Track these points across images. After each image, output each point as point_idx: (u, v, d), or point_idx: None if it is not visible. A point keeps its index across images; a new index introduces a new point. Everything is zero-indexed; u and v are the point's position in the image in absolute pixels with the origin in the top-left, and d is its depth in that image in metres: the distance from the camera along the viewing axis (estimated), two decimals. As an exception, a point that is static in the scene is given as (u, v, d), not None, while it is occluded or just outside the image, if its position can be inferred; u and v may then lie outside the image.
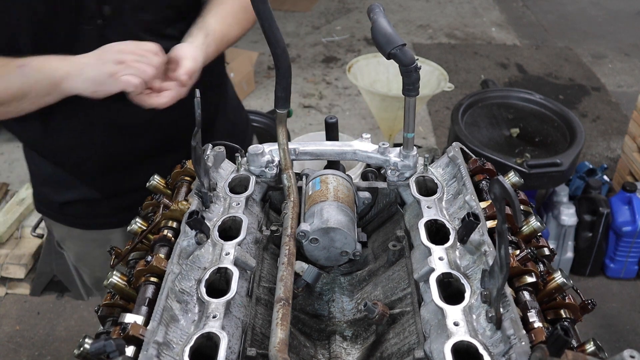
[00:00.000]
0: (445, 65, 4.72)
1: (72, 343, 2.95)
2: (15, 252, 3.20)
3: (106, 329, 0.98)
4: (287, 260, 1.06)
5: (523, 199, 1.22)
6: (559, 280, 0.99)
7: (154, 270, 1.01)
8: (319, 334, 1.16)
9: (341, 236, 1.14)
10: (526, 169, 2.93)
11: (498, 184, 0.81)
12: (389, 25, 1.16)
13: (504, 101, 3.56)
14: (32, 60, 1.33)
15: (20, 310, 3.16)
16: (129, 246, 1.15)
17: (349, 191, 1.25)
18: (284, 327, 0.92)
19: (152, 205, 1.23)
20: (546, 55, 5.94)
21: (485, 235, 1.05)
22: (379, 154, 1.29)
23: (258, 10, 1.10)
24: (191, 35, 1.50)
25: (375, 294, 1.17)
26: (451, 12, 6.87)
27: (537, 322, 0.91)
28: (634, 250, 3.29)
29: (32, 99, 1.36)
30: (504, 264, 0.85)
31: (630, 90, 5.31)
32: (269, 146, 1.31)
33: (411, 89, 1.15)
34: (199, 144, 1.09)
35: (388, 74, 3.78)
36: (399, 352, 1.02)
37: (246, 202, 1.21)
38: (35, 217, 3.27)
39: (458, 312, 0.94)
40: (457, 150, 1.29)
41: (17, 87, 1.33)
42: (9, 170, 4.22)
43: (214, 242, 1.09)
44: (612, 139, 4.64)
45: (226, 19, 1.59)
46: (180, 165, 1.29)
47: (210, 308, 0.95)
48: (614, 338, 3.06)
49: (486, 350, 0.87)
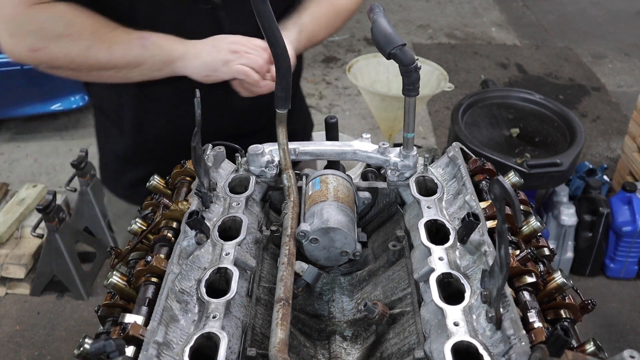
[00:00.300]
0: (445, 65, 4.72)
1: (72, 343, 2.95)
2: (15, 252, 3.20)
3: (106, 329, 0.98)
4: (287, 260, 1.06)
5: (523, 199, 1.22)
6: (559, 280, 0.99)
7: (154, 270, 1.01)
8: (319, 334, 1.16)
9: (341, 236, 1.14)
10: (526, 169, 2.93)
11: (498, 184, 0.81)
12: (389, 25, 1.17)
13: (504, 101, 3.56)
14: (152, 35, 1.40)
15: (20, 310, 3.16)
16: (129, 246, 1.15)
17: (349, 191, 1.25)
18: (284, 327, 0.92)
19: (152, 205, 1.23)
20: (546, 55, 5.94)
21: (485, 235, 1.05)
22: (379, 154, 1.29)
23: (258, 10, 1.10)
24: (286, 29, 1.54)
25: (375, 294, 1.17)
26: (451, 12, 6.87)
27: (537, 322, 0.91)
28: (634, 250, 3.29)
29: (143, 71, 1.43)
30: (504, 264, 0.85)
31: (630, 90, 5.31)
32: (269, 146, 1.31)
33: (411, 89, 1.16)
34: (199, 144, 1.09)
35: (388, 74, 3.78)
36: (399, 352, 1.02)
37: (246, 202, 1.21)
38: (35, 217, 3.26)
39: (458, 312, 0.94)
40: (457, 150, 1.29)
41: (134, 56, 1.40)
42: (9, 170, 4.22)
43: (214, 242, 1.09)
44: (612, 139, 4.64)
45: (320, 19, 1.64)
46: (180, 165, 1.29)
47: (210, 308, 0.95)
48: (614, 338, 3.06)
49: (486, 351, 0.87)
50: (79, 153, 3.29)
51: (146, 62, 1.41)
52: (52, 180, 4.12)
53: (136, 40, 1.39)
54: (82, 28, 1.37)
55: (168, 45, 1.40)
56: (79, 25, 1.37)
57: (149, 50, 1.39)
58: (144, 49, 1.39)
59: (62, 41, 1.37)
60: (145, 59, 1.40)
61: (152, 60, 1.41)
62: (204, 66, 1.41)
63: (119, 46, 1.39)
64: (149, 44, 1.39)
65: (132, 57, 1.40)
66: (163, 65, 1.42)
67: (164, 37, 1.41)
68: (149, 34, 1.40)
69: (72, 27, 1.36)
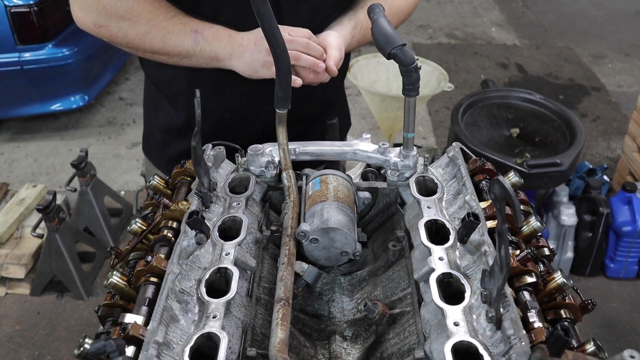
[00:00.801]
0: (445, 65, 4.72)
1: (72, 343, 2.95)
2: (15, 252, 3.20)
3: (106, 329, 0.98)
4: (287, 260, 1.06)
5: (523, 199, 1.22)
6: (559, 280, 0.99)
7: (154, 270, 1.01)
8: (319, 334, 1.16)
9: (341, 236, 1.14)
10: (526, 169, 2.93)
11: (498, 184, 0.81)
12: (389, 25, 1.17)
13: (504, 101, 3.56)
14: (205, 29, 1.44)
15: (20, 310, 3.16)
16: (129, 246, 1.15)
17: (349, 191, 1.25)
18: (284, 327, 0.92)
19: (152, 205, 1.23)
20: (546, 55, 5.94)
21: (485, 235, 1.05)
22: (379, 154, 1.29)
23: (258, 10, 1.10)
24: (341, 24, 1.57)
25: (375, 294, 1.17)
26: (451, 12, 6.88)
27: (537, 322, 0.91)
28: (634, 250, 3.29)
29: (192, 62, 1.49)
30: (504, 264, 0.85)
31: (630, 90, 5.31)
32: (269, 146, 1.31)
33: (411, 89, 1.16)
34: (199, 144, 1.09)
35: (388, 74, 3.78)
36: (399, 352, 1.02)
37: (246, 202, 1.21)
38: (35, 217, 3.26)
39: (458, 312, 0.94)
40: (457, 150, 1.29)
41: (185, 48, 1.46)
42: (9, 170, 4.22)
43: (214, 242, 1.09)
44: (612, 139, 4.64)
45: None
46: (180, 165, 1.29)
47: (210, 308, 0.95)
48: (614, 338, 3.06)
49: (486, 351, 0.87)
50: (79, 153, 3.29)
51: (195, 55, 1.46)
52: (52, 180, 4.12)
53: (190, 33, 1.44)
54: (141, 14, 1.43)
55: (217, 43, 1.44)
56: (139, 11, 1.43)
57: (199, 45, 1.44)
58: (195, 43, 1.44)
59: (122, 23, 1.45)
60: (195, 52, 1.45)
61: (201, 54, 1.46)
62: (245, 66, 1.45)
63: (172, 36, 1.44)
64: (201, 39, 1.44)
65: (183, 48, 1.45)
66: (211, 60, 1.47)
67: (216, 32, 1.44)
68: (203, 27, 1.44)
69: (132, 12, 1.43)
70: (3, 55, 3.90)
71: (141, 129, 1.91)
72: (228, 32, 1.45)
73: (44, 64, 3.94)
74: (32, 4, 3.80)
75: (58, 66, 3.97)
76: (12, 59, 3.90)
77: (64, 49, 3.97)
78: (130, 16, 1.44)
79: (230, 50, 1.44)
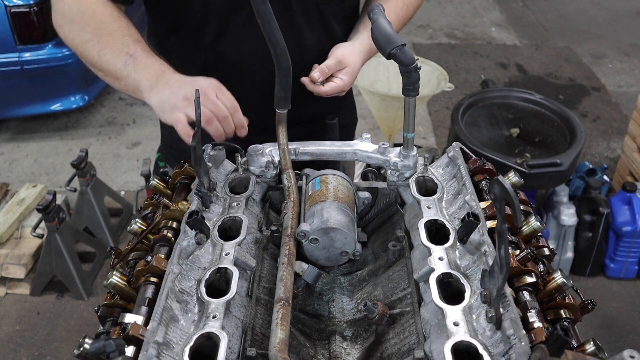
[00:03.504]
0: (445, 65, 4.71)
1: (72, 343, 2.95)
2: (15, 252, 3.20)
3: (106, 329, 0.98)
4: (287, 260, 1.06)
5: (523, 199, 1.22)
6: (559, 280, 0.99)
7: (154, 270, 1.01)
8: (319, 334, 1.16)
9: (341, 236, 1.14)
10: (526, 169, 2.93)
11: (498, 184, 0.81)
12: (389, 25, 1.17)
13: (504, 101, 3.56)
14: (142, 57, 1.35)
15: (20, 310, 3.15)
16: (129, 246, 1.15)
17: (349, 191, 1.25)
18: (284, 327, 0.92)
19: (152, 205, 1.23)
20: (546, 55, 5.94)
21: (485, 235, 1.05)
22: (379, 154, 1.29)
23: (258, 10, 1.10)
24: (357, 32, 1.57)
25: (375, 294, 1.17)
26: (451, 12, 6.87)
27: (537, 322, 0.91)
28: (634, 250, 3.29)
29: (122, 87, 1.39)
30: (504, 264, 0.85)
31: (630, 90, 5.31)
32: (269, 146, 1.31)
33: (411, 89, 1.16)
34: (199, 144, 1.09)
35: (388, 74, 3.77)
36: (399, 352, 1.02)
37: (246, 202, 1.21)
38: (35, 217, 3.26)
39: (458, 312, 0.94)
40: (457, 150, 1.29)
41: (115, 69, 1.37)
42: (9, 170, 4.21)
43: (214, 242, 1.09)
44: (612, 139, 4.63)
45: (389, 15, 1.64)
46: (180, 165, 1.29)
47: (210, 308, 0.95)
48: (614, 338, 3.06)
49: (486, 351, 0.87)
50: (79, 153, 3.28)
51: (122, 79, 1.36)
52: (52, 180, 4.12)
53: (124, 54, 1.34)
54: (88, 20, 1.39)
55: (144, 73, 1.33)
56: (87, 17, 1.39)
57: (127, 69, 1.34)
58: (124, 66, 1.34)
59: (73, 26, 1.42)
60: (122, 75, 1.35)
61: (126, 80, 1.35)
62: (158, 104, 1.31)
63: (107, 52, 1.36)
64: (131, 63, 1.34)
65: (114, 68, 1.36)
66: (134, 90, 1.35)
67: (150, 63, 1.34)
68: (140, 55, 1.34)
69: (82, 16, 1.40)
70: (3, 55, 3.90)
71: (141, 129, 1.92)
72: (163, 67, 1.34)
73: (44, 64, 3.93)
74: (32, 4, 3.80)
75: (58, 66, 3.97)
76: (12, 59, 3.90)
77: (64, 49, 3.96)
78: (79, 19, 1.40)
79: (154, 84, 1.32)
